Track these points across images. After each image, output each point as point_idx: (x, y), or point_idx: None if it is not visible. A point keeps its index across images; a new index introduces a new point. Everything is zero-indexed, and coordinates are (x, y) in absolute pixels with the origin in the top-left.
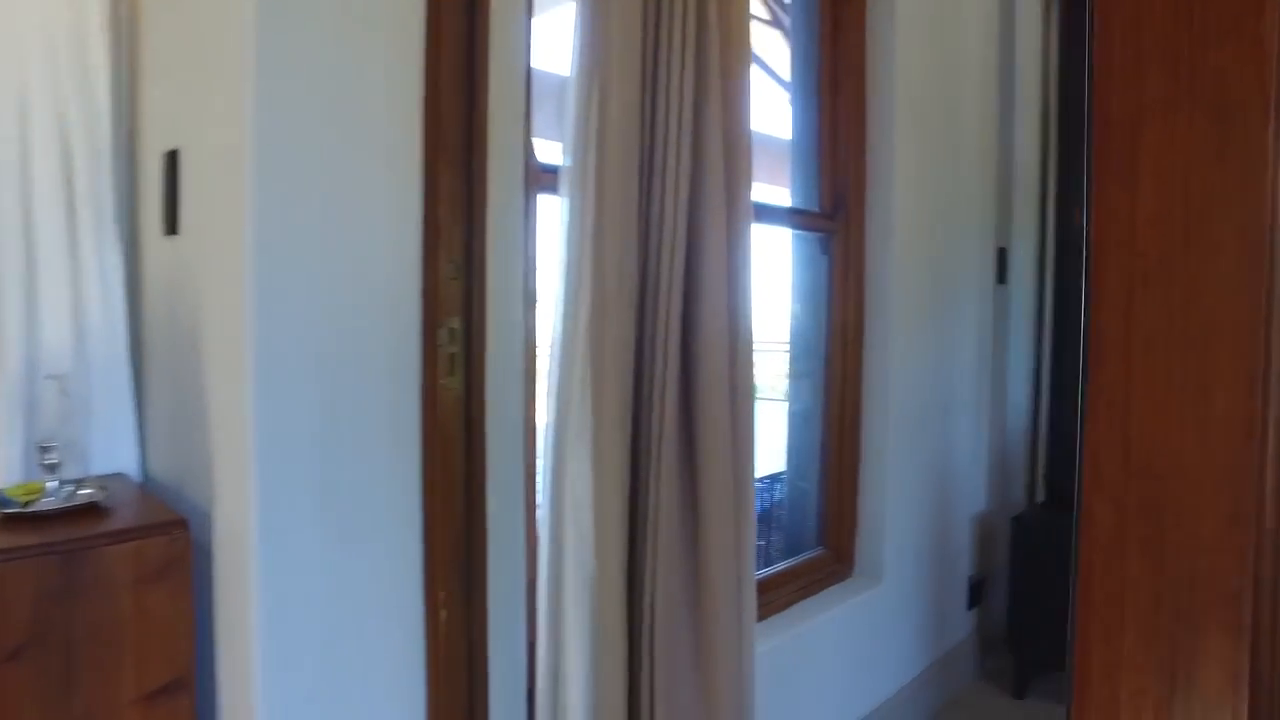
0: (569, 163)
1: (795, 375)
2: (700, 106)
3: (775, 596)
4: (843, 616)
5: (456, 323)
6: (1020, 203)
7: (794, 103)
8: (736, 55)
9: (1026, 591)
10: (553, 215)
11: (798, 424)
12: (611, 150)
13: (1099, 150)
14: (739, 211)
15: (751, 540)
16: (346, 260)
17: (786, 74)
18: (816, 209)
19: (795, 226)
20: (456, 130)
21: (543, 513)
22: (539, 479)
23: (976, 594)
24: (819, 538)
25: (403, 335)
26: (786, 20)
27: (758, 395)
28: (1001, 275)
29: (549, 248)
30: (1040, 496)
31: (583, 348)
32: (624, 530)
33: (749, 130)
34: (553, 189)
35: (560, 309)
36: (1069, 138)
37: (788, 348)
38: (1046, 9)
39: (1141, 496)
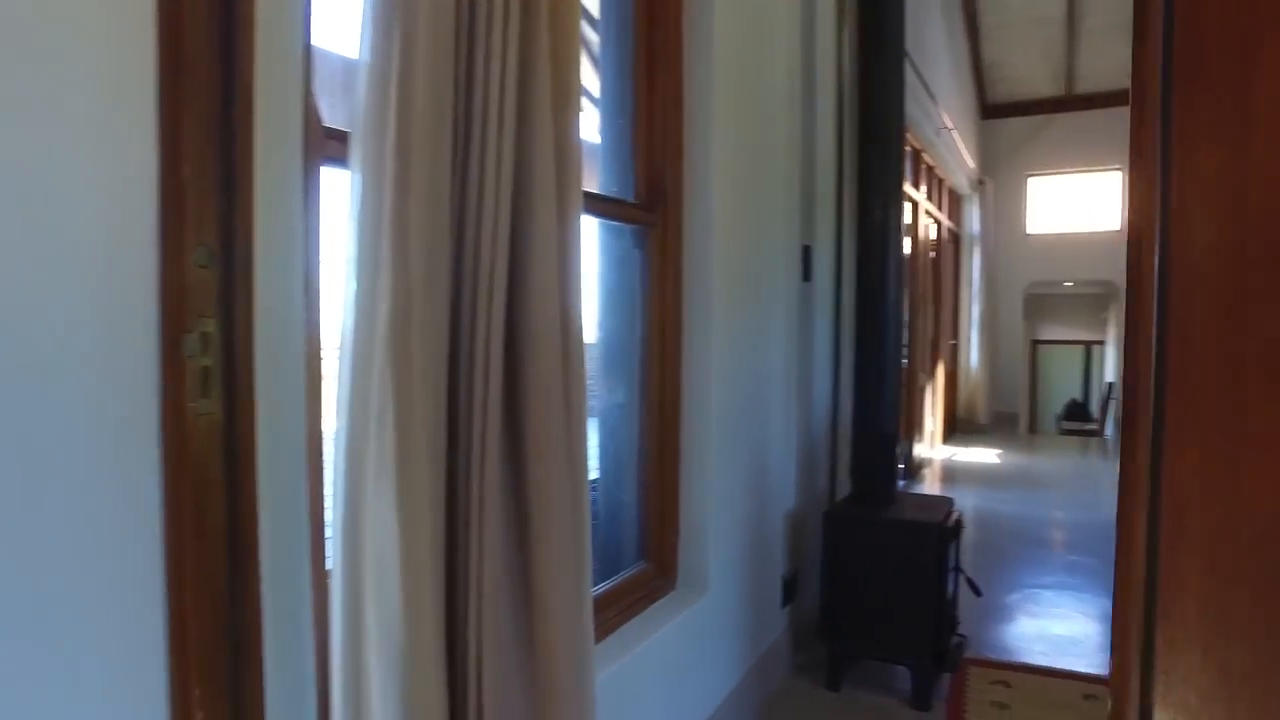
0: (363, 129)
1: (608, 375)
2: (527, 67)
3: (599, 622)
4: (669, 635)
5: (211, 326)
6: (821, 202)
7: (605, 88)
8: (568, 7)
9: (839, 586)
10: (345, 190)
11: (612, 427)
12: (419, 115)
13: (1184, 86)
14: (570, 196)
15: (588, 576)
16: (32, 239)
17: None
18: (632, 200)
19: (611, 218)
20: (207, 60)
21: (335, 572)
22: (329, 528)
23: (790, 591)
24: (640, 550)
25: (133, 346)
26: None
27: None
28: (806, 272)
29: (339, 230)
30: (844, 491)
31: (382, 357)
32: (439, 588)
33: (580, 97)
34: (343, 160)
35: (352, 308)
36: (862, 140)
37: (599, 346)
38: (840, 17)
39: (1257, 575)
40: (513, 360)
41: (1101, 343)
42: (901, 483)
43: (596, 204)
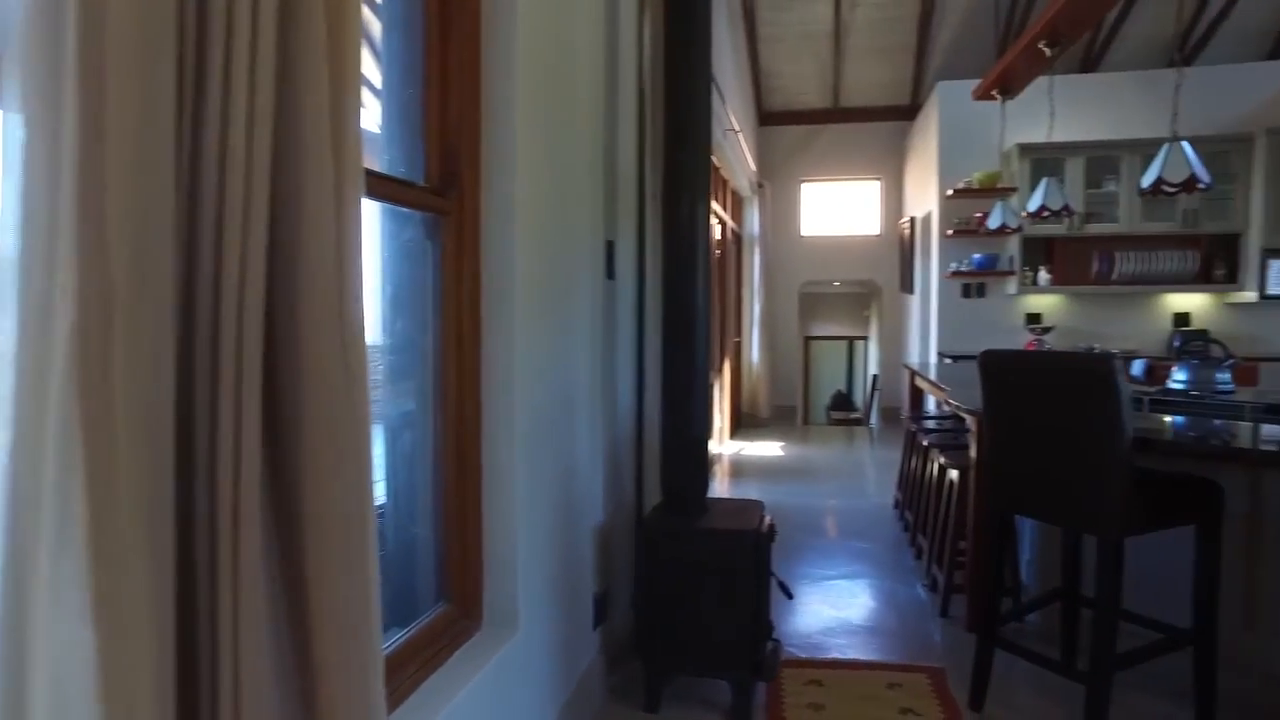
0: (24, 46)
1: (396, 383)
2: None
3: (395, 683)
4: (479, 688)
5: None
6: (624, 197)
7: (390, 54)
8: None
9: (654, 601)
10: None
11: (401, 444)
12: (116, 26)
13: None
14: (348, 166)
15: (378, 633)
16: None
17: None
18: (422, 182)
19: (397, 202)
20: None
21: None
22: None
23: (601, 610)
24: (439, 589)
25: None
26: None
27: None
28: (610, 270)
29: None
30: (651, 499)
31: (62, 384)
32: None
33: (360, 28)
34: None
35: (14, 311)
36: (670, 131)
37: (384, 349)
38: (640, 12)
39: None
40: (275, 375)
41: (865, 338)
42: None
43: (380, 185)
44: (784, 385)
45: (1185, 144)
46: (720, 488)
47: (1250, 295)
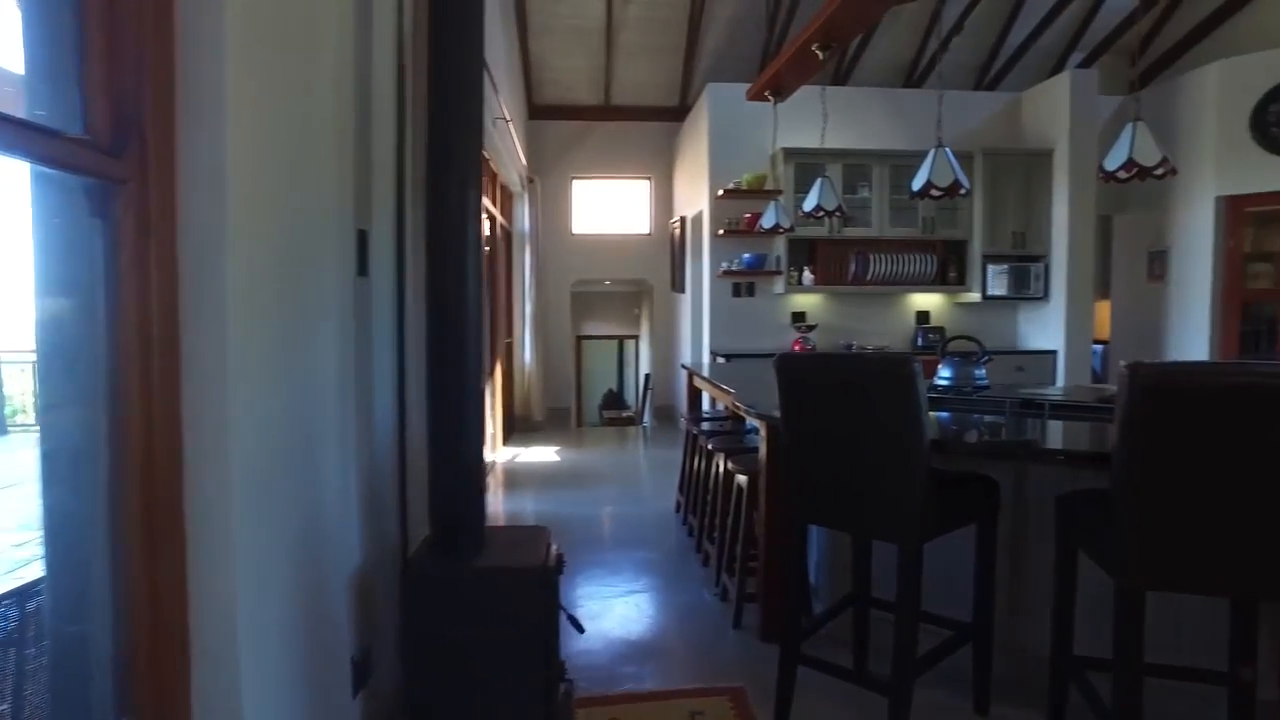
0: None
1: (50, 409)
2: None
3: None
4: None
5: None
6: (380, 181)
7: None
8: None
9: (426, 657)
10: None
11: (60, 496)
12: None
13: None
14: None
15: None
16: None
17: None
18: (83, 134)
19: (40, 160)
20: None
21: None
22: None
23: (362, 674)
24: (121, 701)
25: None
26: None
27: None
28: (363, 265)
29: None
30: (419, 533)
31: None
32: None
33: None
34: None
35: None
36: (436, 102)
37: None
38: None
39: None
40: None
41: (636, 337)
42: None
43: (8, 132)
44: (557, 387)
45: (948, 150)
46: (494, 501)
47: (975, 296)
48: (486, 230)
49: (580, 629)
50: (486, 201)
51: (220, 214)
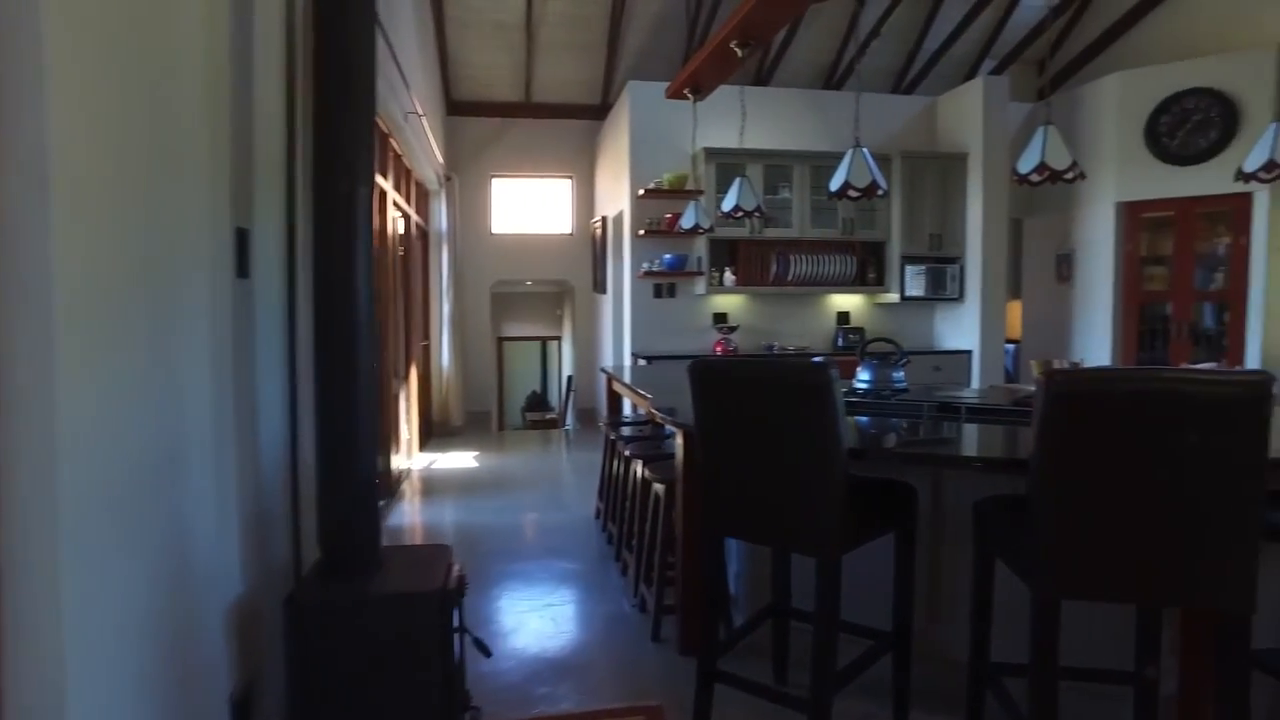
0: None
1: None
2: None
3: None
4: None
5: None
6: (265, 173)
7: None
8: None
9: (314, 693)
10: None
11: None
12: None
13: None
14: None
15: None
16: None
17: None
18: None
19: None
20: None
21: None
22: None
23: (242, 712)
24: None
25: None
26: None
27: None
28: (243, 266)
29: None
30: (311, 557)
31: None
32: None
33: None
34: None
35: None
36: (321, 87)
37: None
38: None
39: None
40: None
41: (558, 338)
42: (380, 503)
43: None
44: (477, 390)
45: (865, 151)
46: (410, 511)
47: (894, 296)
48: (401, 229)
49: (487, 653)
50: (400, 199)
51: (41, 204)
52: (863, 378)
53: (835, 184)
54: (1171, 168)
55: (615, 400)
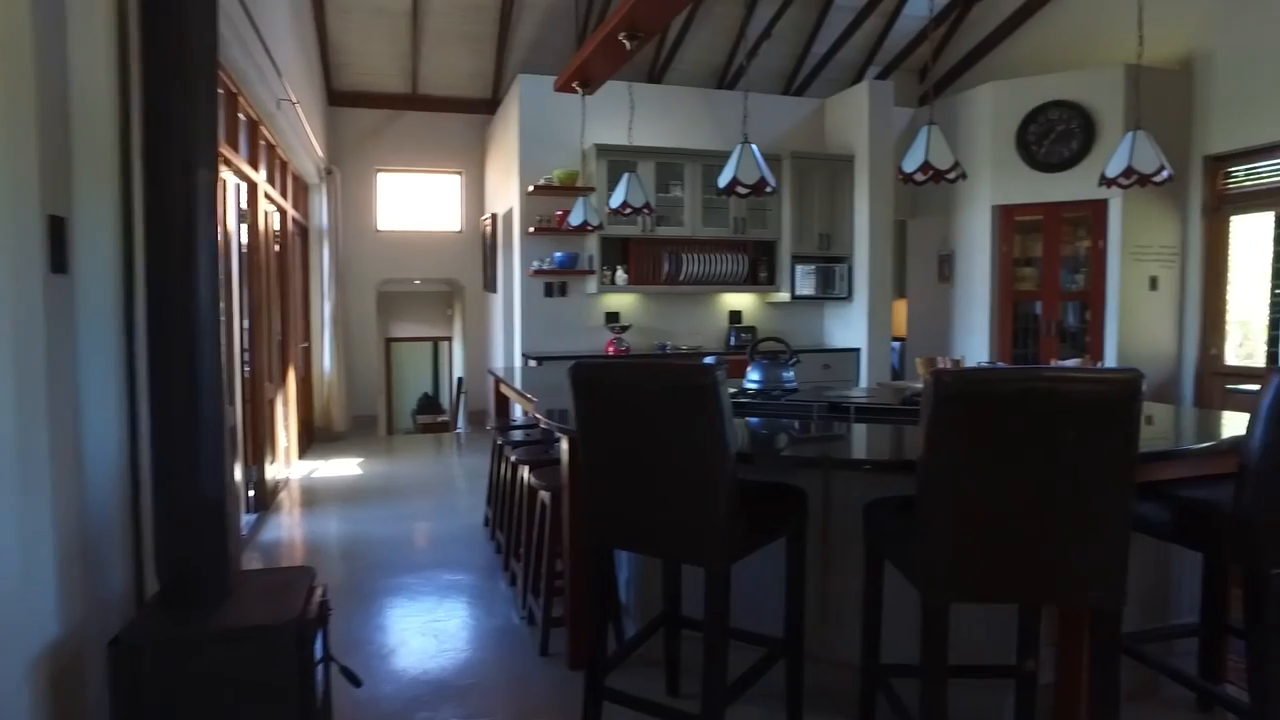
0: None
1: None
2: None
3: None
4: None
5: None
6: (88, 152)
7: None
8: None
9: None
10: None
11: None
12: None
13: None
14: None
15: None
16: None
17: None
18: None
19: None
20: None
21: None
22: None
23: None
24: None
25: None
26: None
27: None
28: (59, 260)
29: None
30: (152, 588)
31: None
32: None
33: None
34: None
35: None
36: (150, 62)
37: None
38: None
39: None
40: None
41: (449, 338)
42: (252, 517)
43: None
44: (363, 393)
45: (754, 148)
46: (287, 523)
47: (784, 296)
48: (277, 225)
49: (356, 682)
50: (275, 193)
51: None
52: (753, 378)
53: (724, 180)
54: (1039, 174)
55: (504, 404)
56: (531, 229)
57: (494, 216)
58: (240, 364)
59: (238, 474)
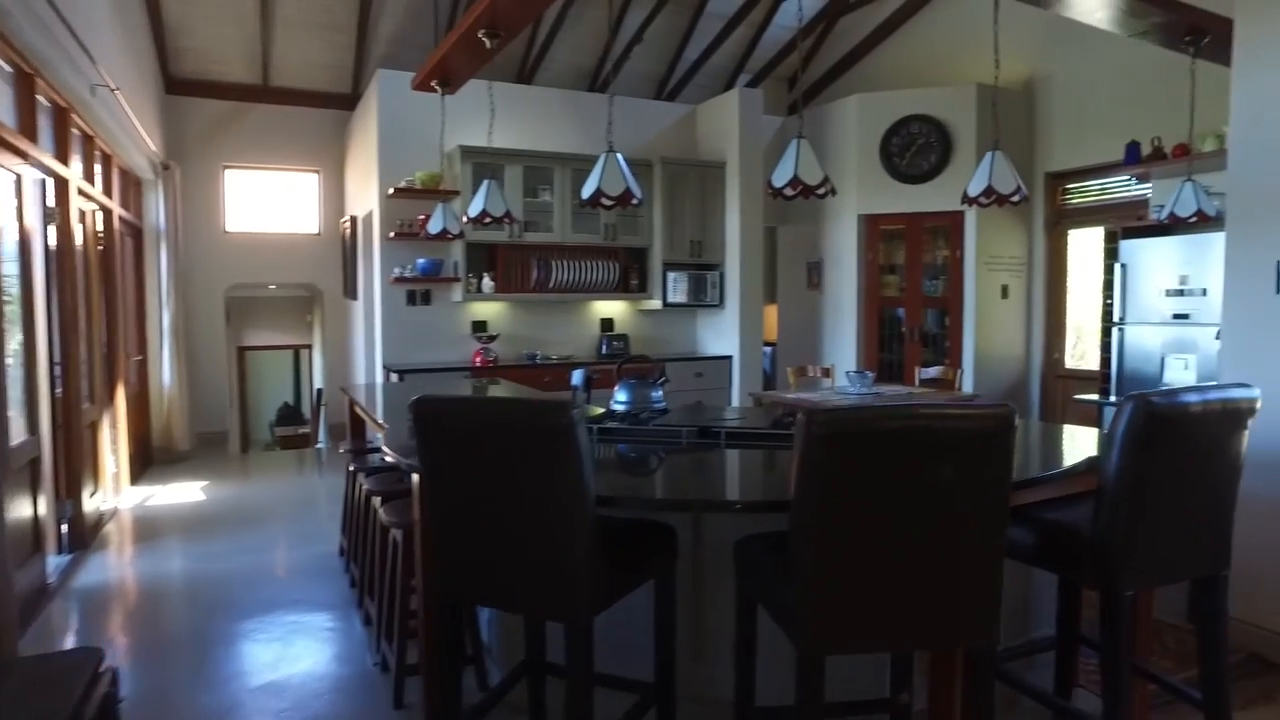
0: None
1: None
2: None
3: None
4: None
5: None
6: None
7: None
8: None
9: None
10: None
11: None
12: None
13: None
14: None
15: None
16: None
17: None
18: None
19: None
20: None
21: None
22: None
23: None
24: None
25: None
26: None
27: None
28: None
29: None
30: None
31: None
32: None
33: None
34: None
35: None
36: None
37: None
38: None
39: None
40: None
41: (310, 346)
42: (64, 559)
43: None
44: (210, 408)
45: (619, 156)
46: (112, 564)
47: (656, 303)
48: (100, 225)
49: None
50: (95, 191)
51: None
52: (620, 398)
53: (587, 191)
54: (902, 185)
55: (359, 422)
56: (392, 234)
57: (354, 219)
58: (49, 383)
59: (42, 511)
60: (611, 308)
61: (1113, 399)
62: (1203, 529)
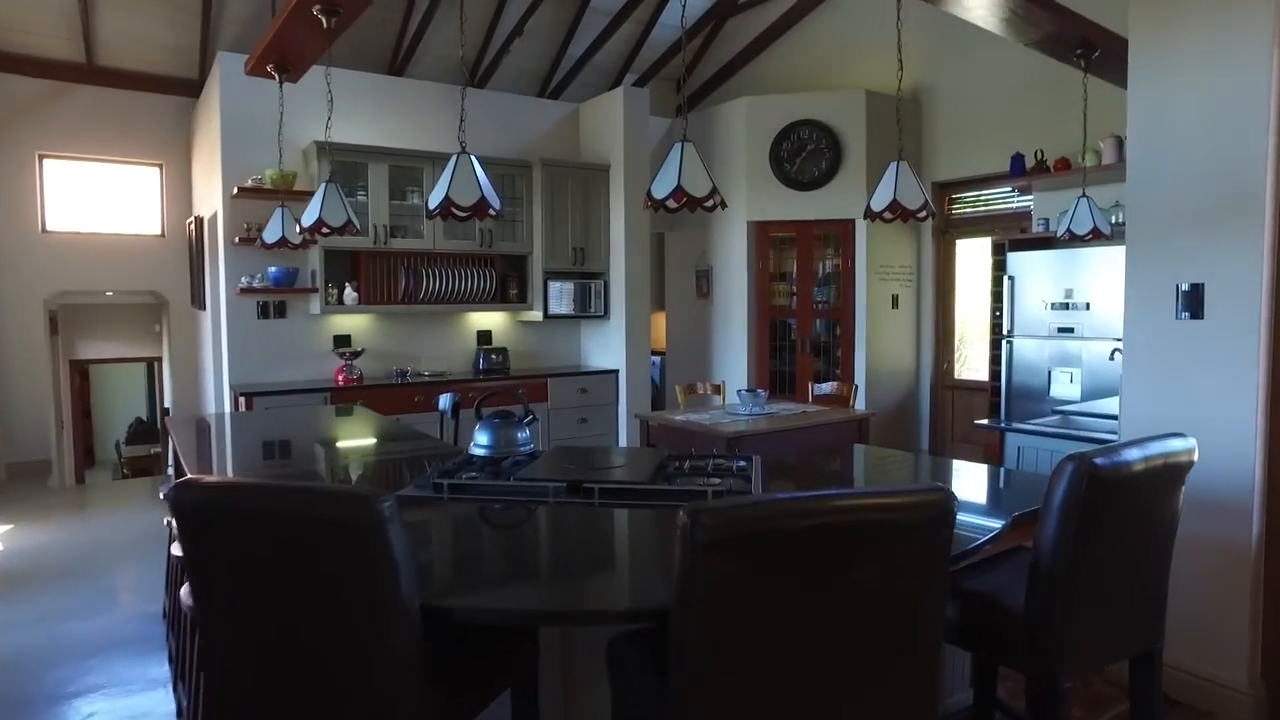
0: None
1: None
2: None
3: None
4: None
5: None
6: None
7: None
8: None
9: None
10: None
11: None
12: None
13: None
14: None
15: None
16: None
17: None
18: None
19: None
20: None
21: None
22: None
23: None
24: None
25: None
26: None
27: None
28: None
29: None
30: None
31: None
32: None
33: None
34: None
35: None
36: None
37: None
38: None
39: None
40: None
41: (159, 359)
42: None
43: None
44: (28, 434)
45: (474, 159)
46: None
47: (537, 314)
48: None
49: None
50: None
51: None
52: (481, 442)
53: (434, 201)
54: (792, 191)
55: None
56: (237, 239)
57: (198, 220)
58: None
59: None
60: (489, 319)
61: (1013, 424)
62: (1141, 598)
